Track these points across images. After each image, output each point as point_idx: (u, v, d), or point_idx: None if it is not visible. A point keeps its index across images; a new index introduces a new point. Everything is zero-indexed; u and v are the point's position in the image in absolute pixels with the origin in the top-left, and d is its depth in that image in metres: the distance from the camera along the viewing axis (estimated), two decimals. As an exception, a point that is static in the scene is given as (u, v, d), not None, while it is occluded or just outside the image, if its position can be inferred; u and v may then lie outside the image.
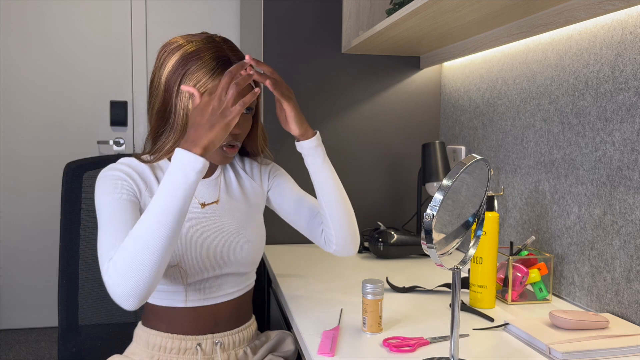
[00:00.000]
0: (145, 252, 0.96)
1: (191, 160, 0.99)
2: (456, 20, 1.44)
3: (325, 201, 1.23)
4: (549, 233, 1.42)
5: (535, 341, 1.04)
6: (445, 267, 0.88)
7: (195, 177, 0.99)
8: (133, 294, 0.96)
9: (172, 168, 1.00)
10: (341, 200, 1.24)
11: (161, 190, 0.99)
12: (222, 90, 1.02)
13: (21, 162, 3.12)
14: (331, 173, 1.23)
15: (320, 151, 1.22)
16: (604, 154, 1.23)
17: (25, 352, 2.91)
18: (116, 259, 0.97)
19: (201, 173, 1.00)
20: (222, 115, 1.01)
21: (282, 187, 1.32)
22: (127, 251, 0.97)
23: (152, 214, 0.98)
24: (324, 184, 1.22)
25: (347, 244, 1.26)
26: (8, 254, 3.14)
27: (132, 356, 1.19)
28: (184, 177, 0.99)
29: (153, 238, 0.96)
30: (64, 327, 1.36)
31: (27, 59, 3.09)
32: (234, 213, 1.23)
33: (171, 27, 3.19)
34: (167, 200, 0.98)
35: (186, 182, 0.99)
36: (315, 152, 1.21)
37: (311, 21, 1.97)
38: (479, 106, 1.78)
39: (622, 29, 1.17)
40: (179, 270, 1.14)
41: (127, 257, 0.96)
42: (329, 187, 1.22)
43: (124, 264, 0.96)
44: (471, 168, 0.87)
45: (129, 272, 0.96)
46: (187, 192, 0.99)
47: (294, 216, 1.31)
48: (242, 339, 1.24)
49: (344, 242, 1.25)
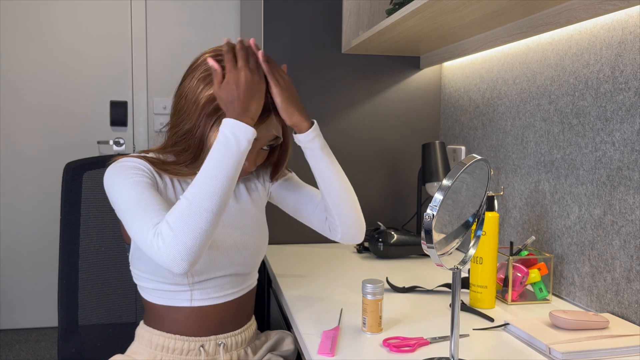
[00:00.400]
0: (201, 214, 0.98)
1: (243, 128, 1.03)
2: (456, 20, 1.44)
3: (327, 192, 1.22)
4: (549, 233, 1.42)
5: (535, 341, 1.04)
6: (445, 267, 0.88)
7: (246, 145, 1.03)
8: (186, 255, 0.97)
9: (222, 137, 1.03)
10: (344, 190, 1.22)
11: (213, 156, 1.02)
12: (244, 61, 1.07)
13: (21, 162, 3.12)
14: (331, 164, 1.21)
15: (317, 143, 1.18)
16: (604, 154, 1.23)
17: (25, 352, 2.91)
18: (169, 220, 0.99)
19: (251, 143, 1.04)
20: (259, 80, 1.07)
21: (284, 180, 1.32)
22: (181, 213, 0.99)
23: (204, 178, 1.01)
24: (325, 176, 1.21)
25: (352, 231, 1.25)
26: (8, 254, 3.14)
27: (135, 356, 1.19)
28: (236, 144, 1.02)
29: (208, 201, 0.99)
30: (64, 327, 1.36)
31: (27, 59, 3.09)
32: (240, 215, 1.23)
33: (171, 27, 3.19)
34: (220, 166, 1.01)
35: (238, 149, 1.02)
36: (312, 144, 1.18)
37: (311, 21, 1.97)
38: (479, 106, 1.78)
39: (622, 29, 1.17)
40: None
41: (182, 219, 0.98)
42: (330, 179, 1.21)
43: (179, 225, 0.98)
44: (471, 168, 0.87)
45: (184, 232, 0.97)
46: (239, 157, 1.03)
47: (296, 208, 1.31)
48: (244, 339, 1.24)
49: (348, 229, 1.25)
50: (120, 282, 1.43)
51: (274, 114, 1.14)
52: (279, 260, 1.72)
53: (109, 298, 1.42)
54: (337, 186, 1.22)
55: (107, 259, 1.42)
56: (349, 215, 1.24)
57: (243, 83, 1.05)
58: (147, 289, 1.19)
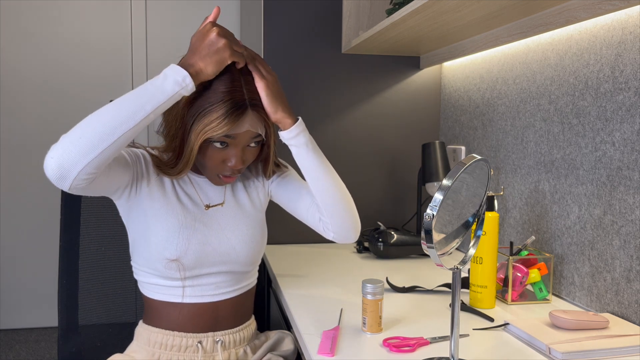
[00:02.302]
0: (88, 126, 0.98)
1: (176, 69, 1.02)
2: (456, 20, 1.44)
3: (316, 190, 1.20)
4: (549, 233, 1.42)
5: (535, 341, 1.04)
6: (445, 267, 0.88)
7: (171, 85, 1.01)
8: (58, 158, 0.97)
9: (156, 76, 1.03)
10: (334, 188, 1.20)
11: (138, 88, 1.02)
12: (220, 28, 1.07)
13: (21, 162, 3.12)
14: (318, 161, 1.18)
15: (302, 140, 1.16)
16: (604, 154, 1.23)
17: (25, 352, 2.91)
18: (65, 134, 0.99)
19: (179, 85, 1.01)
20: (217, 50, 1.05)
21: (281, 179, 1.31)
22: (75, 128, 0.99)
23: (116, 102, 1.00)
24: (312, 174, 1.19)
25: (344, 230, 1.23)
26: (8, 254, 3.14)
27: (133, 354, 1.19)
28: (162, 80, 1.01)
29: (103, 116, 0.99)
30: (64, 327, 1.36)
31: (27, 59, 3.09)
32: (238, 215, 1.23)
33: (171, 27, 3.19)
34: (135, 93, 1.00)
35: (161, 85, 1.01)
36: (297, 141, 1.16)
37: (311, 21, 1.97)
38: (479, 106, 1.78)
39: (622, 29, 1.17)
40: (178, 265, 1.14)
41: (71, 131, 0.99)
42: (318, 176, 1.19)
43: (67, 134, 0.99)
44: (471, 168, 0.87)
45: (67, 138, 0.98)
46: (155, 94, 1.01)
47: (293, 206, 1.29)
48: (242, 338, 1.24)
49: (340, 228, 1.23)
50: (120, 282, 1.44)
51: (252, 109, 1.11)
52: (279, 260, 1.72)
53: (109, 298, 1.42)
54: (326, 184, 1.19)
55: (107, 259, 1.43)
56: (341, 213, 1.21)
57: (207, 40, 1.05)
58: (144, 283, 1.20)
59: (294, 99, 1.90)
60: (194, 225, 1.17)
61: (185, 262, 1.15)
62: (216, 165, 1.15)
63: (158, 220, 1.15)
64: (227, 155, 1.13)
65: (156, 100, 1.00)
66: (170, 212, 1.16)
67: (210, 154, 1.13)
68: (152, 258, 1.15)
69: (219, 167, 1.15)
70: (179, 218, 1.16)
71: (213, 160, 1.14)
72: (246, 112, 1.10)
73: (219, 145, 1.12)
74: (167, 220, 1.15)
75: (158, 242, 1.14)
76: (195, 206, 1.19)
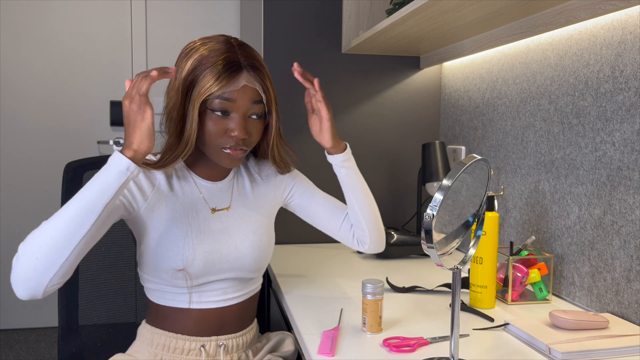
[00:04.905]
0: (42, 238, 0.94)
1: (117, 159, 0.97)
2: (456, 20, 1.44)
3: (361, 209, 1.28)
4: (549, 233, 1.42)
5: (535, 341, 1.04)
6: (445, 267, 0.88)
7: (115, 177, 0.96)
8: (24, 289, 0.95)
9: (102, 168, 0.98)
10: (372, 205, 1.30)
11: (85, 187, 0.97)
12: (133, 88, 0.98)
13: (21, 162, 3.12)
14: (362, 183, 1.28)
15: (352, 164, 1.26)
16: (604, 154, 1.23)
17: (25, 352, 2.91)
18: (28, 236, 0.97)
19: (124, 175, 0.97)
20: (134, 112, 0.97)
21: (306, 194, 1.33)
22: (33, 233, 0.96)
23: (68, 204, 0.96)
24: (357, 194, 1.27)
25: (379, 241, 1.33)
26: (8, 254, 3.14)
27: (136, 355, 1.19)
28: (106, 175, 0.97)
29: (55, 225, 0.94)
30: (64, 327, 1.36)
31: (27, 59, 3.09)
32: (244, 220, 1.22)
33: (171, 27, 3.20)
34: (84, 194, 0.96)
35: (106, 180, 0.96)
36: (348, 164, 1.25)
37: (311, 21, 1.97)
38: (479, 106, 1.78)
39: (622, 29, 1.17)
40: (184, 274, 1.14)
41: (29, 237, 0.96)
42: (362, 197, 1.28)
43: (24, 243, 0.96)
44: (471, 168, 0.87)
45: (23, 256, 0.95)
46: (104, 190, 0.96)
47: (323, 221, 1.34)
48: (245, 342, 1.24)
49: (377, 240, 1.32)
50: (120, 282, 1.43)
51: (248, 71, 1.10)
52: (279, 260, 1.72)
53: (109, 298, 1.42)
54: (368, 201, 1.29)
55: (107, 259, 1.42)
56: (378, 227, 1.31)
57: (126, 112, 0.98)
58: (150, 289, 1.20)
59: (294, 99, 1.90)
60: (199, 233, 1.15)
61: (191, 271, 1.14)
62: (219, 138, 1.11)
63: (162, 231, 1.14)
64: (229, 125, 1.11)
65: (106, 197, 0.97)
66: (173, 222, 1.14)
67: (211, 126, 1.10)
68: (159, 268, 1.14)
69: (222, 140, 1.11)
70: (183, 227, 1.14)
71: (215, 132, 1.10)
72: (241, 72, 1.10)
73: (219, 114, 1.10)
74: (172, 230, 1.14)
75: (164, 252, 1.13)
76: (201, 212, 1.18)
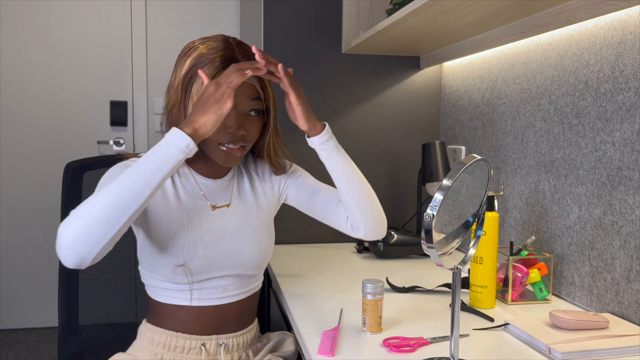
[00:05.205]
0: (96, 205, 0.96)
1: (177, 136, 1.01)
2: (456, 20, 1.44)
3: (348, 191, 1.21)
4: (549, 233, 1.42)
5: (535, 341, 1.04)
6: (445, 267, 0.88)
7: (174, 152, 1.00)
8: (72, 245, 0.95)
9: (159, 142, 1.01)
10: (363, 188, 1.22)
11: (141, 159, 1.00)
12: (223, 77, 1.03)
13: (21, 162, 3.12)
14: (347, 164, 1.21)
15: (332, 144, 1.18)
16: (604, 154, 1.23)
17: (25, 352, 2.91)
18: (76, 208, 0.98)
19: (182, 152, 1.01)
20: (216, 99, 1.02)
21: (298, 182, 1.30)
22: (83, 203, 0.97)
23: (123, 176, 0.99)
24: (343, 176, 1.21)
25: (375, 226, 1.25)
26: (8, 254, 3.14)
27: (136, 354, 1.19)
28: (165, 149, 1.00)
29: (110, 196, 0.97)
30: (64, 327, 1.36)
31: (27, 59, 3.09)
32: (244, 217, 1.22)
33: (171, 27, 3.20)
34: (141, 168, 0.99)
35: (165, 154, 1.00)
36: (328, 145, 1.18)
37: (311, 21, 1.97)
38: (479, 106, 1.78)
39: (622, 29, 1.17)
40: (185, 270, 1.14)
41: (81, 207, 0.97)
42: (348, 178, 1.21)
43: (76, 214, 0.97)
44: (471, 168, 0.87)
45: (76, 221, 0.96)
46: (162, 164, 1.00)
47: (316, 209, 1.29)
48: (245, 341, 1.24)
49: (372, 226, 1.25)
50: (120, 282, 1.43)
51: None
52: (279, 260, 1.72)
53: (109, 298, 1.42)
54: (356, 184, 1.21)
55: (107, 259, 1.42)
56: (371, 211, 1.23)
57: (205, 97, 1.03)
58: (152, 287, 1.20)
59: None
60: (199, 230, 1.16)
61: (192, 267, 1.14)
62: (217, 134, 1.11)
63: (161, 226, 1.14)
64: (227, 121, 1.11)
65: (163, 171, 1.00)
66: (173, 218, 1.15)
67: None
68: (159, 264, 1.14)
69: (220, 136, 1.12)
70: (183, 223, 1.15)
71: None
72: None
73: None
74: (171, 226, 1.14)
75: (164, 248, 1.14)
76: (201, 208, 1.18)
